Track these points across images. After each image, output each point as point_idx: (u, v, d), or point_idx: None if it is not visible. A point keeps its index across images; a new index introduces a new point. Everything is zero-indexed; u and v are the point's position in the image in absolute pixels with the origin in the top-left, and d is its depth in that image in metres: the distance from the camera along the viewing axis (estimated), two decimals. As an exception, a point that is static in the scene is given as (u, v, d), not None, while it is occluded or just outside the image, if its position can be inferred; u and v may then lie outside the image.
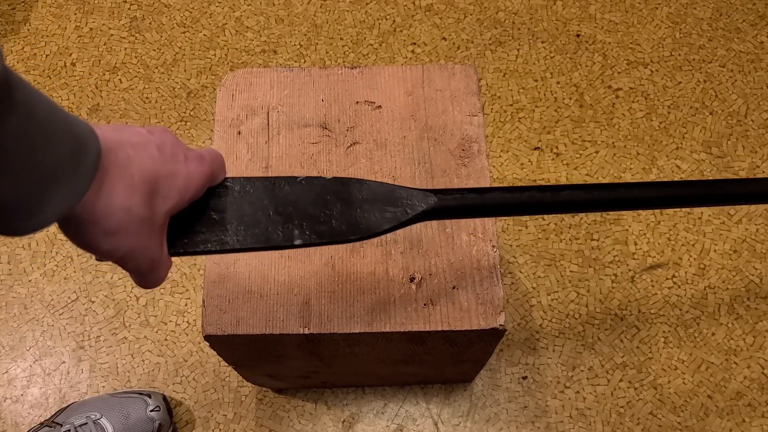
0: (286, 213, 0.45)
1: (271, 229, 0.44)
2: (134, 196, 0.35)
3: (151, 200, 0.36)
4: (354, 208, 0.46)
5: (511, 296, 0.98)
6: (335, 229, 0.45)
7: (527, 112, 1.11)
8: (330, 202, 0.46)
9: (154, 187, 0.37)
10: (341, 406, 0.92)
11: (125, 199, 0.35)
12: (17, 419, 0.91)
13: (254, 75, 0.71)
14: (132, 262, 0.38)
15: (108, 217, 0.34)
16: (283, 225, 0.44)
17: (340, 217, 0.46)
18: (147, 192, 0.36)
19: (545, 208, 0.52)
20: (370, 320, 0.60)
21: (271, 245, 0.44)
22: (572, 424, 0.91)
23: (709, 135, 1.09)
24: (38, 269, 1.00)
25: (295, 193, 0.46)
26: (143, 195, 0.36)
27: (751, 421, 0.90)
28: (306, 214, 0.45)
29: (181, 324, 0.97)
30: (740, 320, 0.96)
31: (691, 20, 1.19)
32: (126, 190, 0.35)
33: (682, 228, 1.02)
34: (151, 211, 0.37)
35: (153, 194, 0.37)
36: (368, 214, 0.46)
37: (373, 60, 1.16)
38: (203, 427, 0.91)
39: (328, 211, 0.46)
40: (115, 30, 1.19)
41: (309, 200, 0.46)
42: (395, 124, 0.69)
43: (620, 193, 0.53)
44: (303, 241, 0.44)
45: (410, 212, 0.47)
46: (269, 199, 0.45)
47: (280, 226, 0.44)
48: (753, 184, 0.62)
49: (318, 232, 0.45)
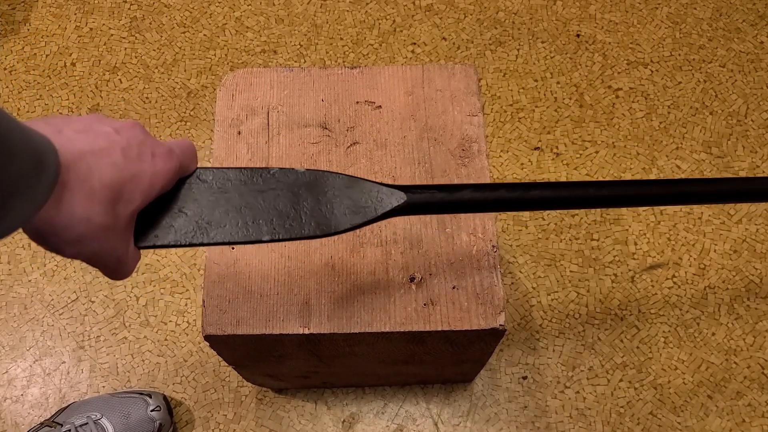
0: (256, 207, 0.45)
1: (240, 223, 0.44)
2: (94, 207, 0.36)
3: (112, 207, 0.37)
4: (323, 204, 0.46)
5: (511, 296, 0.98)
6: (303, 226, 0.45)
7: (527, 112, 1.11)
8: (301, 197, 0.46)
9: (117, 194, 0.37)
10: (341, 406, 0.92)
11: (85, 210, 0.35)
12: (17, 419, 0.91)
13: (254, 75, 0.71)
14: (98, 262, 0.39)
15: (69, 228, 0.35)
16: (253, 220, 0.45)
17: (309, 213, 0.46)
18: (108, 200, 0.37)
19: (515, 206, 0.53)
20: (370, 320, 0.60)
21: (239, 240, 0.44)
22: (572, 424, 0.91)
23: (709, 135, 1.09)
24: (38, 269, 1.00)
25: (268, 186, 0.46)
26: (104, 204, 0.36)
27: (751, 421, 0.90)
28: (276, 209, 0.45)
29: (181, 324, 0.97)
30: (740, 320, 0.96)
31: (691, 20, 1.19)
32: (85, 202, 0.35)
33: (682, 228, 1.02)
34: (113, 218, 0.37)
35: (115, 201, 0.37)
36: (337, 211, 0.47)
37: (373, 60, 1.16)
38: (203, 427, 0.91)
39: (298, 207, 0.46)
40: (115, 30, 1.19)
41: (280, 194, 0.46)
42: (395, 124, 0.69)
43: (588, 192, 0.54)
44: (271, 237, 0.45)
45: (379, 210, 0.47)
46: (240, 192, 0.45)
47: (249, 221, 0.44)
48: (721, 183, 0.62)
49: (286, 228, 0.45)
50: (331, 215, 0.46)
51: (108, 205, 0.37)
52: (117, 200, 0.37)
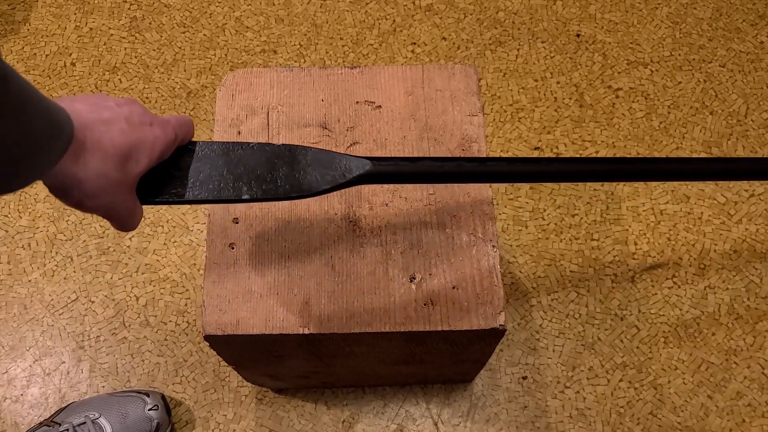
0: (237, 173, 0.51)
1: (222, 185, 0.51)
2: (108, 164, 0.43)
3: (123, 165, 0.44)
4: (298, 170, 0.52)
5: (511, 296, 0.97)
6: (280, 188, 0.51)
7: (527, 112, 1.11)
8: (277, 165, 0.52)
9: (126, 155, 0.44)
10: (341, 406, 0.92)
11: (101, 167, 0.42)
12: (17, 419, 0.91)
13: (254, 75, 0.71)
14: (113, 214, 0.46)
15: (88, 181, 0.42)
16: (234, 182, 0.51)
17: (285, 178, 0.52)
18: (119, 159, 0.44)
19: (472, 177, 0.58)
20: (370, 320, 0.60)
21: (222, 198, 0.51)
22: (572, 424, 0.90)
23: (709, 135, 1.09)
24: (38, 269, 1.00)
25: (247, 156, 0.52)
26: (116, 162, 0.43)
27: (751, 421, 0.90)
28: (255, 174, 0.51)
29: (181, 324, 0.97)
30: (740, 320, 0.96)
31: (691, 20, 1.19)
32: (101, 161, 0.42)
33: (682, 228, 1.02)
34: (123, 175, 0.44)
35: (125, 160, 0.44)
36: (310, 177, 0.52)
37: (373, 60, 1.16)
38: (203, 427, 0.91)
39: (275, 173, 0.52)
40: (115, 30, 1.19)
41: (259, 163, 0.52)
42: (395, 124, 0.68)
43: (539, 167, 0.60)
44: (250, 196, 0.51)
45: (347, 176, 0.53)
46: (224, 160, 0.52)
47: (231, 183, 0.51)
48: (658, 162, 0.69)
49: (264, 190, 0.51)
50: (304, 180, 0.52)
51: (119, 164, 0.43)
52: (126, 160, 0.44)
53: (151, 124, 0.47)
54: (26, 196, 1.05)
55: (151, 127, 0.46)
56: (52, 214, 1.03)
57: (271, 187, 0.51)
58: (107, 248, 1.01)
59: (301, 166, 0.52)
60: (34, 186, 1.05)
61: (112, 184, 0.43)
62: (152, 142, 0.46)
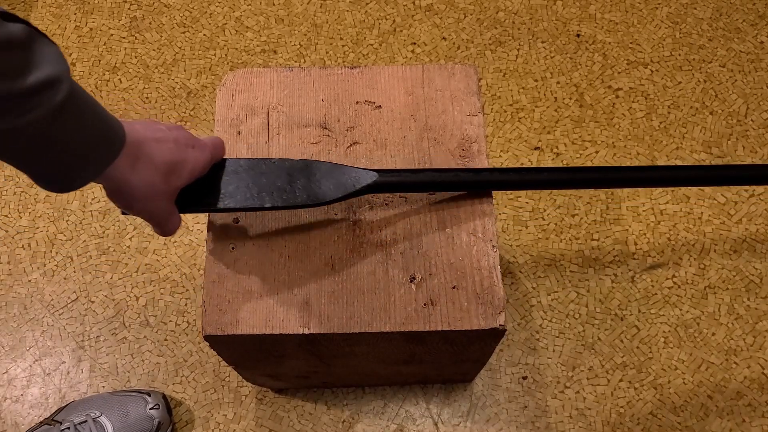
0: (260, 184, 0.59)
1: (248, 195, 0.58)
2: (157, 176, 0.50)
3: (168, 178, 0.52)
4: (313, 182, 0.59)
5: (511, 296, 0.98)
6: (298, 197, 0.58)
7: (527, 112, 1.11)
8: (295, 178, 0.59)
9: (171, 170, 0.52)
10: (341, 406, 0.92)
11: (151, 177, 0.50)
12: (17, 419, 0.91)
13: (254, 75, 0.71)
14: (155, 218, 0.54)
15: (139, 188, 0.50)
16: (258, 193, 0.58)
17: (302, 188, 0.59)
18: (165, 173, 0.51)
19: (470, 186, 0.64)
20: (370, 320, 0.60)
21: (247, 207, 0.58)
22: (572, 424, 0.91)
23: (709, 135, 1.09)
24: (38, 269, 1.00)
25: (269, 170, 0.59)
26: (163, 175, 0.51)
27: (751, 421, 0.90)
28: (276, 186, 0.59)
29: (181, 324, 0.97)
30: (740, 320, 0.96)
31: (691, 20, 1.19)
32: (151, 171, 0.50)
33: (682, 228, 1.02)
34: (167, 186, 0.52)
35: (170, 174, 0.52)
36: (324, 187, 0.59)
37: (373, 60, 1.16)
38: (203, 427, 0.91)
39: (293, 184, 0.59)
40: (115, 30, 1.19)
41: (279, 176, 0.59)
42: (395, 124, 0.68)
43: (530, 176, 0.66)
44: (272, 205, 0.58)
45: (357, 186, 0.60)
46: (249, 174, 0.59)
47: (255, 194, 0.58)
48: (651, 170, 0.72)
49: (284, 199, 0.58)
50: (319, 190, 0.59)
51: (165, 176, 0.51)
52: (171, 173, 0.52)
53: (194, 146, 0.54)
54: (26, 196, 1.05)
55: (193, 149, 0.54)
56: (52, 214, 1.03)
57: (290, 196, 0.58)
58: (107, 248, 1.01)
59: (316, 178, 0.59)
60: (34, 186, 1.05)
61: (157, 192, 0.51)
62: (193, 162, 0.54)
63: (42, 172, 0.44)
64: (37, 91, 0.39)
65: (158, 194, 0.51)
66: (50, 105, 0.39)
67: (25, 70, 0.38)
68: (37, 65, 0.39)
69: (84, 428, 0.82)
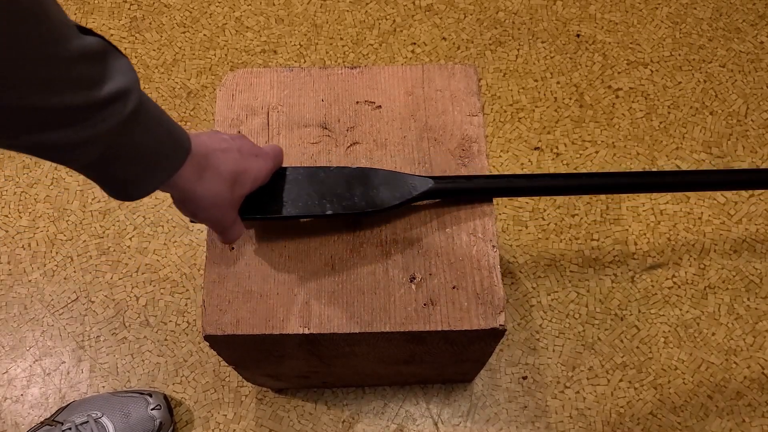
0: (321, 192, 0.60)
1: (310, 202, 0.59)
2: (222, 186, 0.52)
3: (233, 187, 0.53)
4: (371, 189, 0.60)
5: (511, 296, 0.98)
6: (357, 204, 0.59)
7: (527, 112, 1.11)
8: (353, 185, 0.60)
9: (235, 179, 0.53)
10: (341, 406, 0.92)
11: (217, 186, 0.51)
12: (17, 419, 0.91)
13: (254, 75, 0.71)
14: (218, 226, 0.55)
15: (205, 198, 0.51)
16: (319, 200, 0.59)
17: (360, 195, 0.60)
18: (231, 182, 0.52)
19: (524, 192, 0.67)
20: (370, 320, 0.60)
21: (310, 214, 0.59)
22: (572, 424, 0.91)
23: (709, 135, 1.09)
24: (38, 269, 1.00)
25: (328, 178, 0.60)
26: (228, 184, 0.52)
27: (751, 421, 0.90)
28: (336, 193, 0.60)
29: (181, 324, 0.97)
30: (740, 320, 0.96)
31: (691, 20, 1.19)
32: (217, 181, 0.51)
33: (682, 228, 1.02)
34: (232, 195, 0.53)
35: (234, 183, 0.53)
36: (382, 194, 0.60)
37: (373, 60, 1.16)
38: (203, 427, 0.91)
39: (352, 191, 0.60)
40: (115, 30, 1.19)
41: (338, 183, 0.60)
42: (395, 124, 0.69)
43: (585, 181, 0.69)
44: (333, 211, 0.59)
45: (414, 192, 0.61)
46: (309, 182, 0.60)
47: (316, 201, 0.59)
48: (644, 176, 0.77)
49: (344, 206, 0.59)
50: (377, 197, 0.60)
51: (230, 186, 0.52)
52: (235, 183, 0.53)
53: (257, 156, 0.56)
54: (26, 196, 1.05)
55: (256, 158, 0.55)
56: (52, 214, 1.03)
57: (349, 203, 0.59)
58: (107, 248, 1.01)
59: (373, 185, 0.60)
60: (34, 186, 1.05)
61: (222, 201, 0.52)
62: (257, 171, 0.55)
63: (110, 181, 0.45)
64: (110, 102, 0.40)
65: (223, 203, 0.52)
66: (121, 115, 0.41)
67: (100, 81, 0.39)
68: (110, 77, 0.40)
69: (85, 429, 0.82)
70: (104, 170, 0.44)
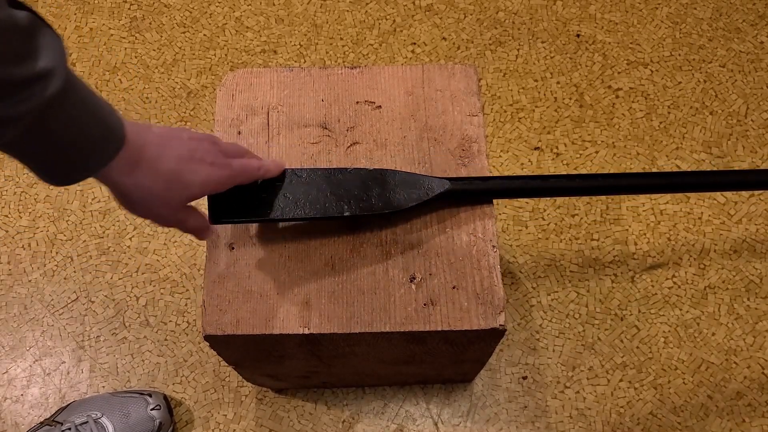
0: (338, 194, 0.60)
1: (327, 204, 0.59)
2: (156, 182, 0.49)
3: (170, 185, 0.50)
4: (388, 190, 0.60)
5: (511, 296, 0.98)
6: (374, 205, 0.60)
7: (527, 112, 1.11)
8: (371, 186, 0.60)
9: (175, 178, 0.50)
10: (341, 406, 0.92)
11: (148, 181, 0.48)
12: (17, 419, 0.91)
13: (254, 75, 0.71)
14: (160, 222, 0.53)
15: (134, 192, 0.49)
16: (337, 202, 0.59)
17: (377, 196, 0.60)
18: (167, 180, 0.49)
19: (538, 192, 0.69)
20: (370, 320, 0.60)
21: (327, 215, 0.59)
22: (572, 424, 0.91)
23: (709, 135, 1.09)
24: (38, 269, 1.00)
25: (346, 179, 0.60)
26: (164, 182, 0.49)
27: (751, 421, 0.90)
28: (353, 194, 0.60)
29: (181, 324, 0.97)
30: (740, 320, 0.96)
31: (691, 20, 1.19)
32: (150, 176, 0.48)
33: (682, 228, 1.02)
34: (169, 193, 0.50)
35: (173, 182, 0.50)
36: (399, 196, 0.60)
37: (373, 60, 1.16)
38: (203, 427, 0.91)
39: (369, 192, 0.60)
40: (115, 30, 1.19)
41: (355, 185, 0.60)
42: (395, 124, 0.69)
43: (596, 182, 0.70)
44: (350, 213, 0.59)
45: (430, 194, 0.61)
46: (327, 183, 0.60)
47: (334, 202, 0.59)
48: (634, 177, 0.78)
49: (361, 207, 0.59)
50: (394, 198, 0.60)
51: (167, 184, 0.50)
52: (175, 182, 0.50)
53: (212, 163, 0.52)
54: (26, 196, 1.05)
55: (210, 165, 0.52)
56: (52, 214, 1.03)
57: (367, 204, 0.59)
58: (107, 248, 1.01)
59: (390, 187, 0.61)
60: (34, 186, 1.05)
61: (155, 198, 0.50)
62: (205, 176, 0.52)
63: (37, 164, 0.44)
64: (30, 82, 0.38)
65: (157, 200, 0.50)
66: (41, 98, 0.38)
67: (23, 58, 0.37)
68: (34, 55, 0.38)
69: (85, 429, 0.82)
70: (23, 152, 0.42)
